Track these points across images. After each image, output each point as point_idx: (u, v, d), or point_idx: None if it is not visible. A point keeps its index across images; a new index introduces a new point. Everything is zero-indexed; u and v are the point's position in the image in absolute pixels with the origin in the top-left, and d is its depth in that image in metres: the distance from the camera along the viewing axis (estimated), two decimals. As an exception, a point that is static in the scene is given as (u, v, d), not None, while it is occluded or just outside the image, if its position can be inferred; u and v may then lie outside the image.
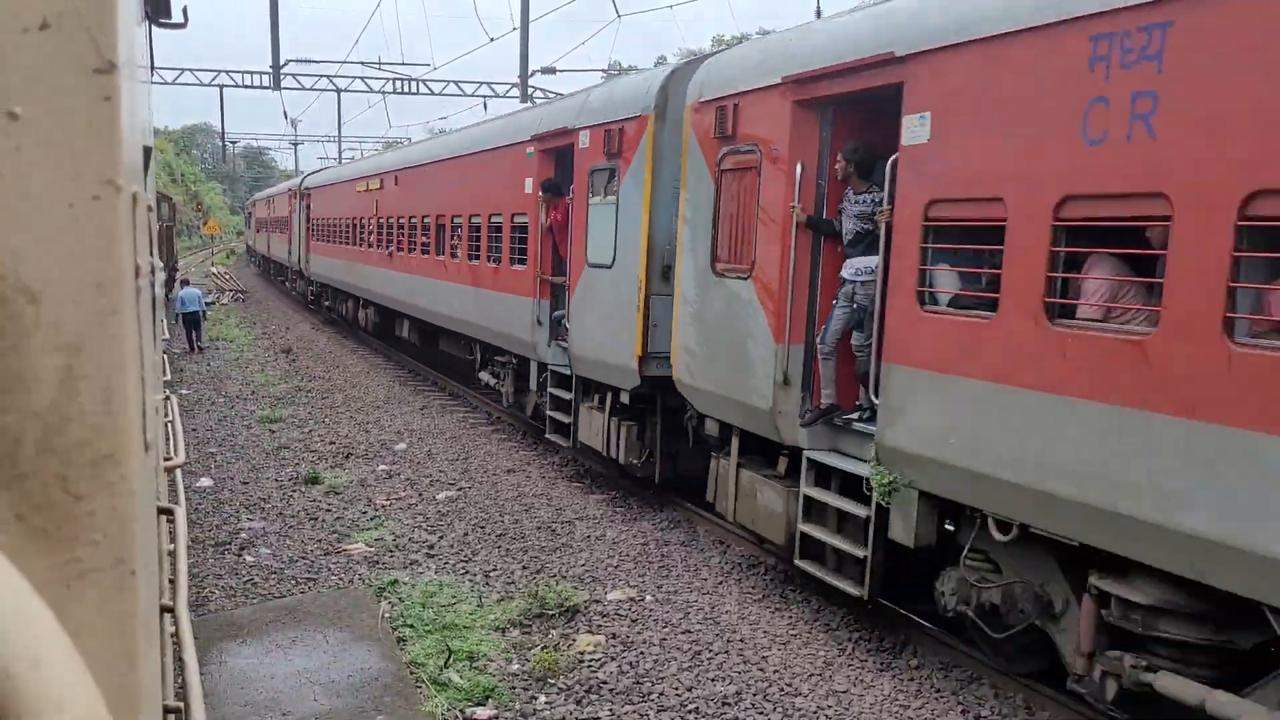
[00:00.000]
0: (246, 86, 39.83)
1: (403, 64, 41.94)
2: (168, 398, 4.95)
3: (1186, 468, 4.90)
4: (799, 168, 7.78)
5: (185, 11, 5.10)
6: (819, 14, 28.56)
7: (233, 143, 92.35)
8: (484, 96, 40.98)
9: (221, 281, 45.13)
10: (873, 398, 7.30)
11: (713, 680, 6.96)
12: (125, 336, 0.99)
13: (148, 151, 2.52)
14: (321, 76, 41.35)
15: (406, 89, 41.31)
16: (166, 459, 4.05)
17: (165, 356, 7.93)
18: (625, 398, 10.70)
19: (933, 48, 6.42)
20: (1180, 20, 4.91)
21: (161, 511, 2.72)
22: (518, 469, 12.84)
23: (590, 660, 7.24)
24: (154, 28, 5.15)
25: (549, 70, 35.65)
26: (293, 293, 38.74)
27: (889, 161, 6.95)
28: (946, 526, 6.94)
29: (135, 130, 1.31)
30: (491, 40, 33.11)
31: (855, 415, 7.85)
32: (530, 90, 35.80)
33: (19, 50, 0.90)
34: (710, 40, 64.76)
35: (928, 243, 6.57)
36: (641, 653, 7.37)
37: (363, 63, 40.93)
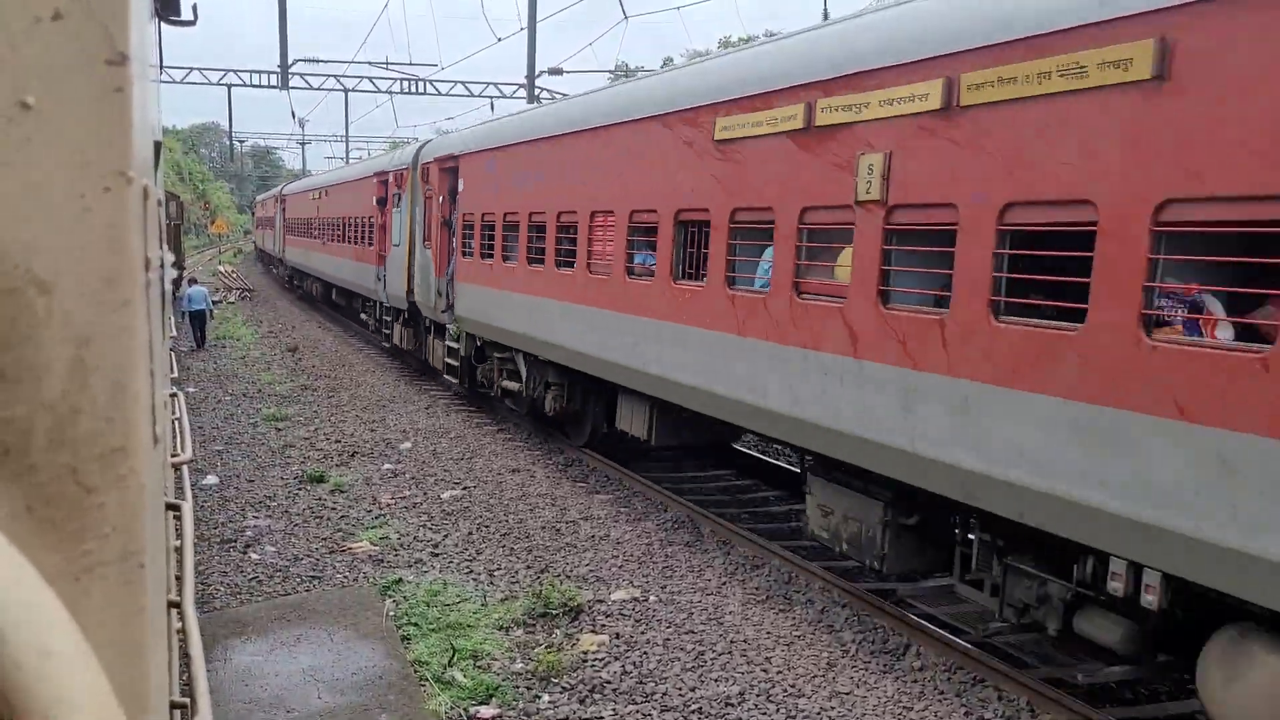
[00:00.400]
0: (254, 86, 39.94)
1: (410, 64, 42.05)
2: (174, 395, 4.96)
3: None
4: (440, 198, 17.45)
5: (195, 9, 5.12)
6: (825, 15, 28.51)
7: (240, 142, 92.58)
8: (491, 97, 41.05)
9: (228, 280, 45.21)
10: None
11: (716, 681, 6.95)
12: (136, 329, 0.99)
13: (157, 147, 2.52)
14: (329, 76, 41.47)
15: (414, 89, 41.38)
16: (173, 455, 4.05)
17: (173, 354, 7.95)
18: (405, 315, 20.38)
19: (466, 153, 16.27)
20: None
21: (169, 507, 2.72)
22: (522, 469, 12.84)
23: (594, 660, 7.23)
24: (163, 25, 5.16)
25: (556, 71, 35.69)
26: (274, 272, 49.11)
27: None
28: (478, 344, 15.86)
29: (146, 124, 1.31)
30: (499, 40, 33.16)
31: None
32: (537, 91, 35.84)
33: (31, 40, 0.90)
34: (717, 41, 64.70)
35: (465, 232, 16.25)
36: (645, 653, 7.37)
37: (370, 63, 41.07)
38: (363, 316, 26.18)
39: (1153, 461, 5.21)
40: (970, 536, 7.23)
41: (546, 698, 6.67)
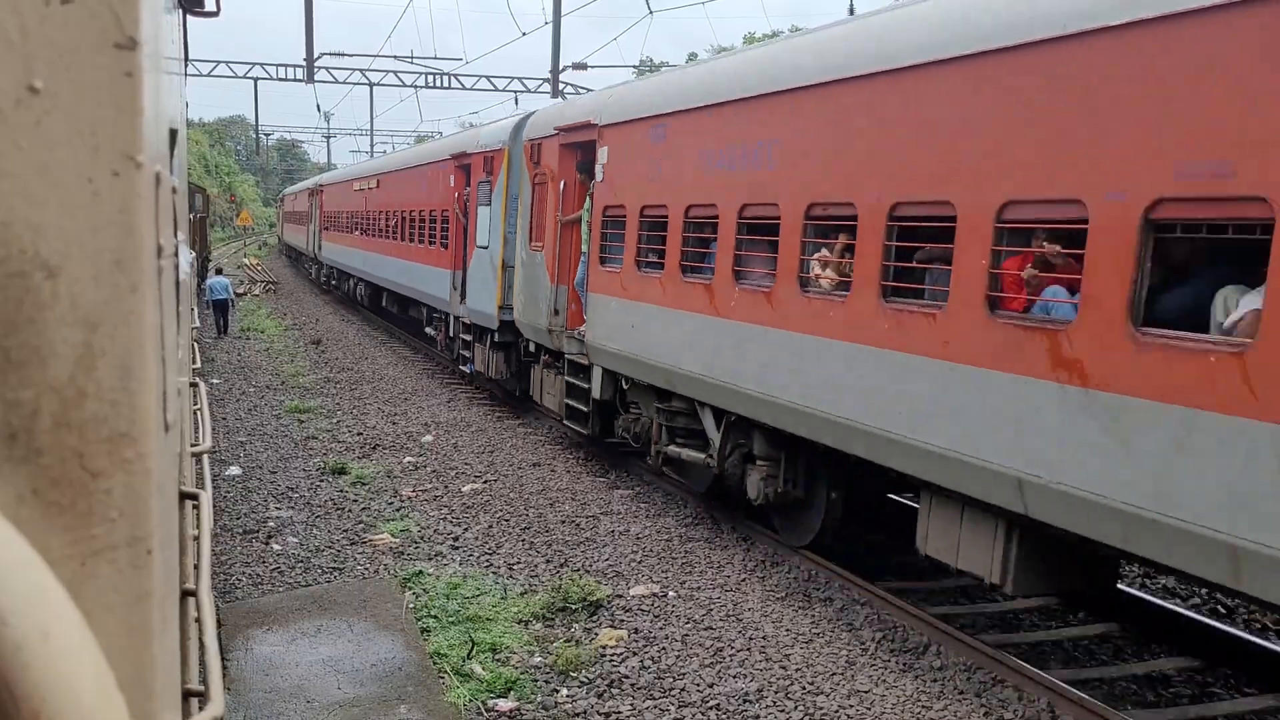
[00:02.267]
0: (280, 79, 40.18)
1: (435, 58, 42.19)
2: (195, 384, 4.99)
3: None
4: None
5: (218, 1, 5.14)
6: (851, 11, 28.40)
7: (266, 135, 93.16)
8: (515, 92, 41.10)
9: (253, 273, 45.52)
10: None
11: (734, 677, 6.94)
12: (144, 314, 0.99)
13: (174, 134, 2.53)
14: (354, 70, 41.66)
15: (438, 83, 41.51)
16: (194, 445, 4.08)
17: (196, 345, 8.01)
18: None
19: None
20: None
21: (187, 496, 2.73)
22: (543, 463, 12.86)
23: (612, 655, 7.24)
24: (189, 18, 5.19)
25: (580, 66, 35.68)
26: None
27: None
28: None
29: (160, 110, 1.31)
30: (523, 35, 33.21)
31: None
32: (561, 86, 35.85)
33: (40, 23, 0.90)
34: (742, 37, 64.38)
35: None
36: (663, 648, 7.36)
37: (395, 57, 41.22)
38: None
39: None
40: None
41: (565, 692, 6.68)
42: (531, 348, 14.52)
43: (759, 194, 8.72)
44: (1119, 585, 8.40)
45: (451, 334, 18.61)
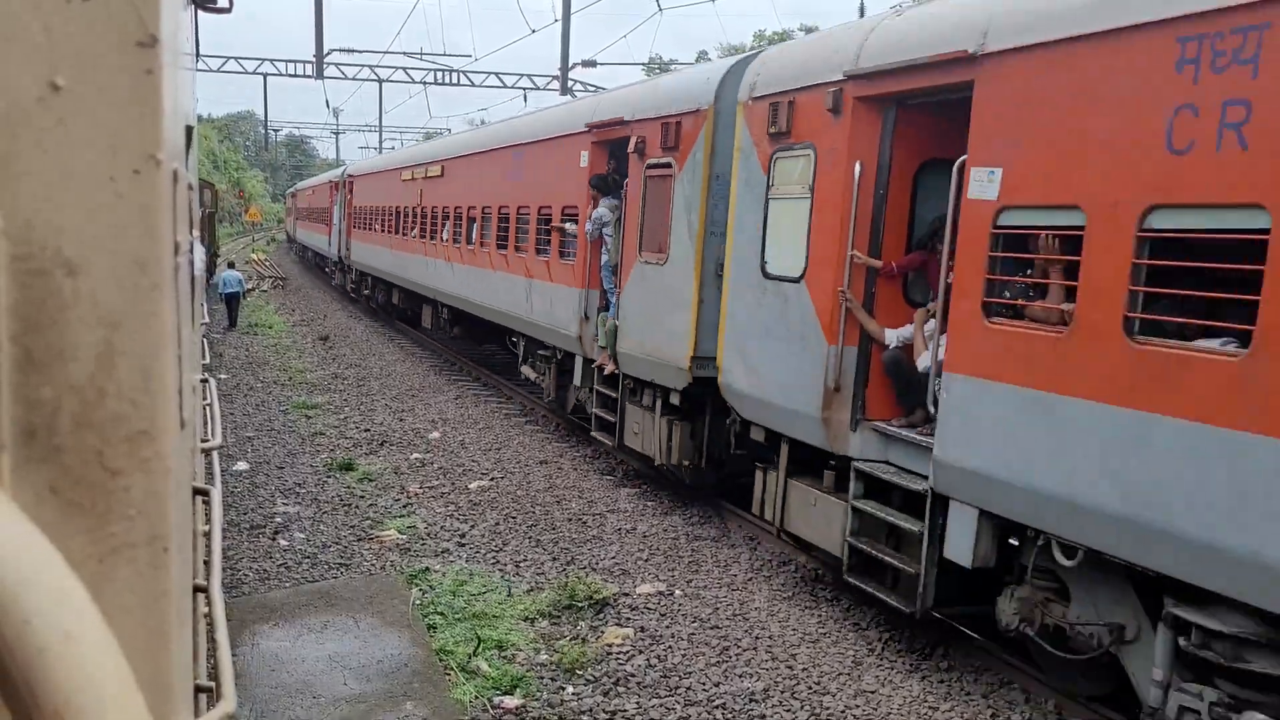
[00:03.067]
0: (290, 75, 40.24)
1: (444, 55, 42.23)
2: (205, 380, 5.00)
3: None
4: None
5: (231, -3, 5.13)
6: (862, 12, 28.31)
7: (275, 131, 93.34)
8: (524, 89, 41.15)
9: (261, 269, 45.60)
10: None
11: (740, 676, 6.93)
12: (164, 313, 0.99)
13: (189, 131, 2.53)
14: (364, 66, 41.71)
15: (448, 80, 41.54)
16: (203, 441, 4.08)
17: (205, 340, 8.02)
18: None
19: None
20: None
21: (197, 492, 2.74)
22: (550, 460, 12.86)
23: (618, 653, 7.24)
24: (199, 13, 5.19)
25: (590, 63, 35.69)
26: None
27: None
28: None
29: (177, 108, 1.31)
30: (533, 32, 33.20)
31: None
32: (570, 83, 35.85)
33: (63, 21, 0.90)
34: (752, 36, 64.50)
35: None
36: (670, 647, 7.36)
37: (405, 53, 41.28)
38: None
39: None
40: None
41: (571, 689, 6.68)
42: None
43: None
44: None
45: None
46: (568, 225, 13.06)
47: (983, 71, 6.35)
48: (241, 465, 11.99)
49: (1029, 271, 6.31)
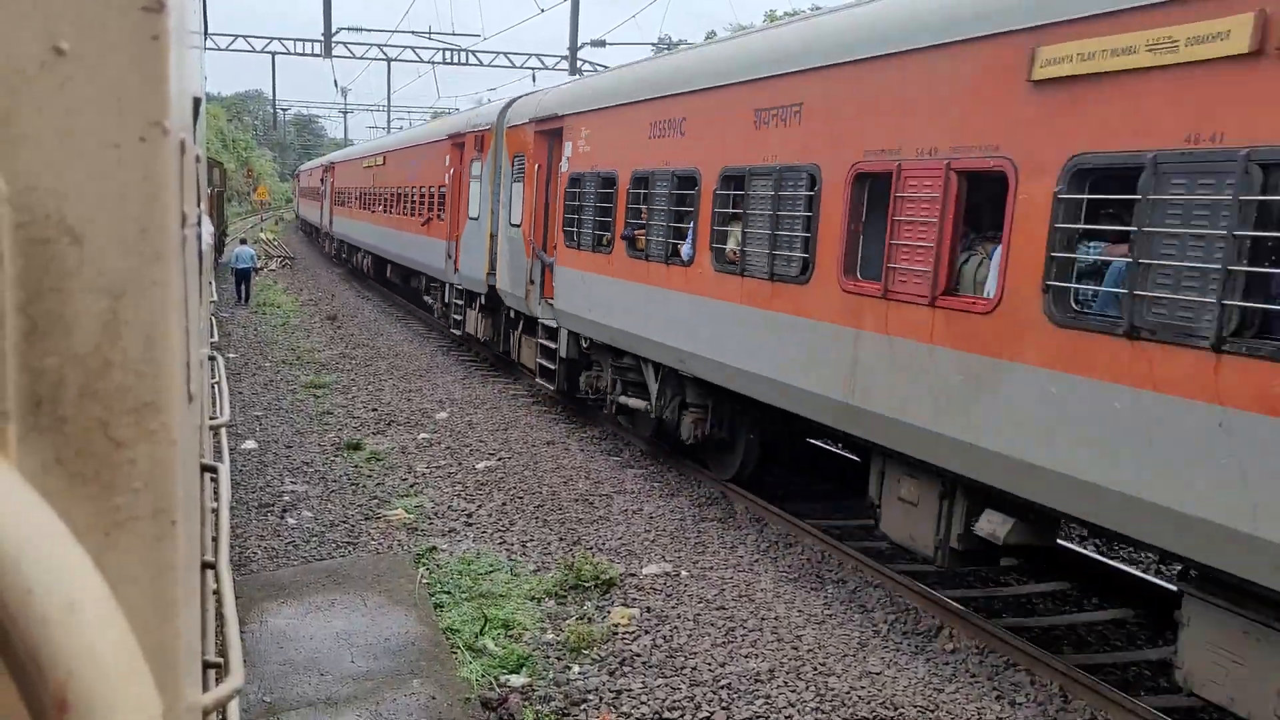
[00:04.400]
0: (298, 54, 40.13)
1: (453, 34, 42.04)
2: (214, 358, 5.00)
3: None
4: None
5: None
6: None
7: (284, 110, 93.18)
8: (533, 69, 40.98)
9: (269, 248, 45.61)
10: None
11: (746, 657, 6.95)
12: (170, 283, 0.97)
13: (197, 103, 2.51)
14: (372, 45, 41.57)
15: (456, 60, 41.38)
16: (212, 418, 4.09)
17: (214, 319, 8.03)
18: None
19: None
20: None
21: (205, 469, 2.74)
22: (557, 441, 12.88)
23: (624, 633, 7.25)
24: (207, -11, 5.16)
25: (599, 43, 35.52)
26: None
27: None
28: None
29: (184, 76, 1.29)
30: (542, 11, 33.03)
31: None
32: (579, 63, 35.70)
33: None
34: (763, 15, 63.85)
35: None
36: (675, 627, 7.38)
37: (413, 32, 41.12)
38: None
39: None
40: None
41: (577, 669, 6.70)
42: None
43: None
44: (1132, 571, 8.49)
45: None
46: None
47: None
48: (250, 444, 12.02)
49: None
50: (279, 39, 40.24)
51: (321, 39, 37.34)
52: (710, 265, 9.76)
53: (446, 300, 20.14)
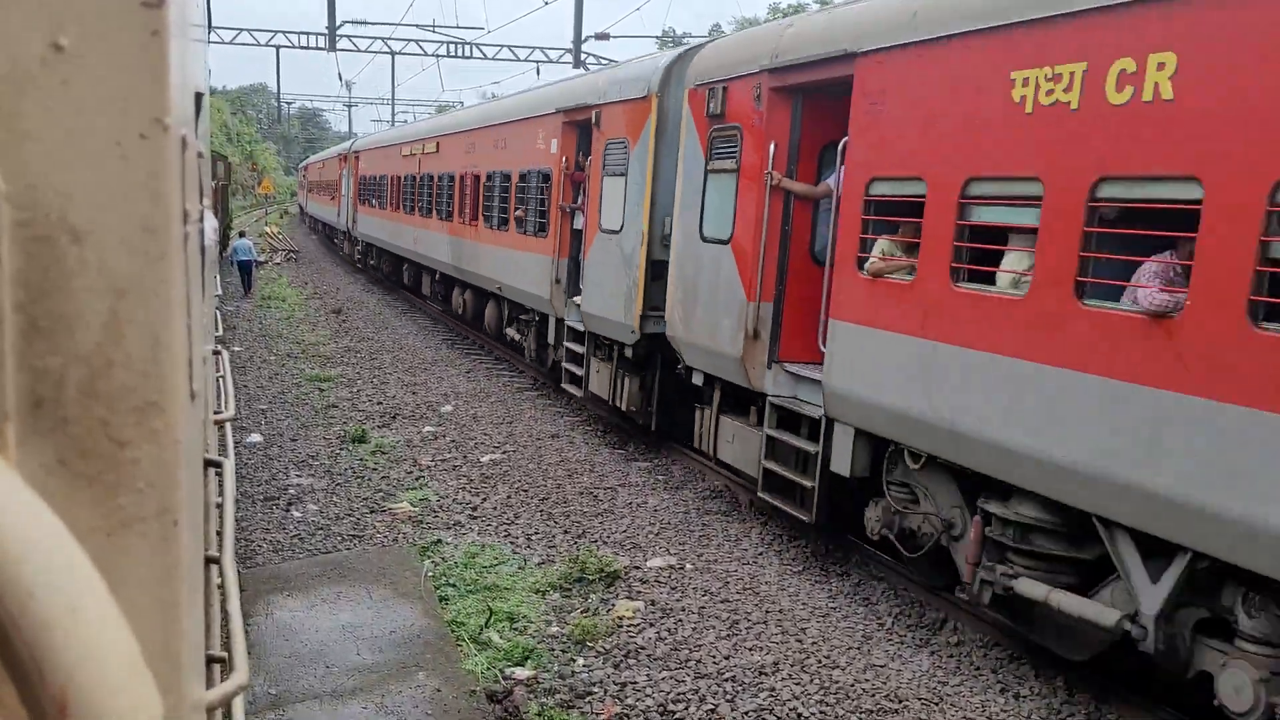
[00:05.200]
0: (302, 48, 40.12)
1: (457, 27, 42.05)
2: (218, 352, 5.00)
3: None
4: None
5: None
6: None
7: (288, 104, 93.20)
8: (537, 62, 40.91)
9: (274, 242, 45.61)
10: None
11: (750, 650, 6.95)
12: (173, 281, 0.97)
13: (199, 99, 2.50)
14: (376, 39, 41.55)
15: (460, 53, 41.34)
16: (216, 413, 4.09)
17: (218, 313, 8.03)
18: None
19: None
20: None
21: (210, 464, 2.73)
22: (562, 434, 12.88)
23: (629, 626, 7.26)
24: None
25: (603, 36, 35.44)
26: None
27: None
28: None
29: (185, 73, 1.28)
30: (545, 4, 32.96)
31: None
32: (584, 56, 35.64)
33: None
34: (767, 9, 63.70)
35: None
36: (680, 620, 7.38)
37: (417, 25, 41.11)
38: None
39: None
40: None
41: (581, 661, 6.71)
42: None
43: None
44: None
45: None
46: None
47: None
48: (255, 437, 12.04)
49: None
50: (283, 32, 40.25)
51: (326, 32, 37.33)
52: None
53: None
